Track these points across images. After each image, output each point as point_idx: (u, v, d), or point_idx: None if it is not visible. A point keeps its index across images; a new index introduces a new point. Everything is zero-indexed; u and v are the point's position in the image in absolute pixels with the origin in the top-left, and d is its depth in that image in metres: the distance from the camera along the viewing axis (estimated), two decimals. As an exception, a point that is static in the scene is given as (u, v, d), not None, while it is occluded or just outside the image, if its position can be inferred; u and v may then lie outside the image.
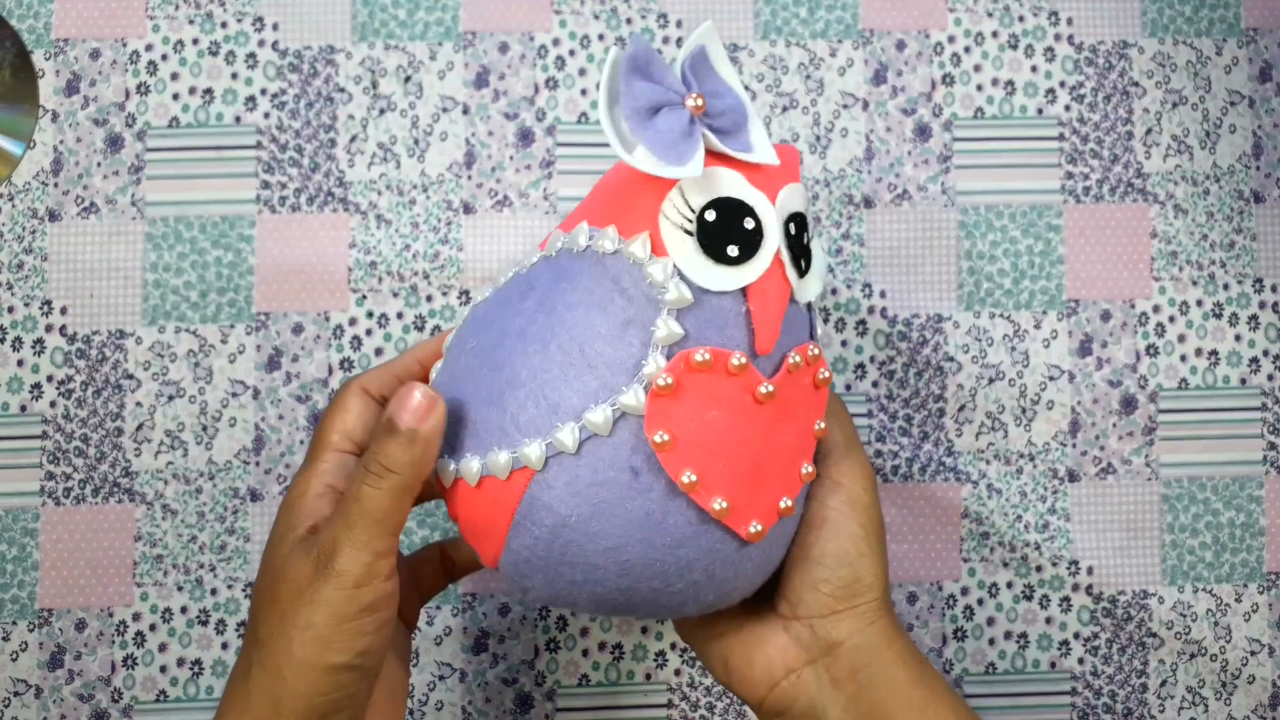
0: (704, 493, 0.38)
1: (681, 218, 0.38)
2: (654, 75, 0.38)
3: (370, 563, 0.37)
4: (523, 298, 0.41)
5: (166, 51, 0.54)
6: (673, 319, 0.37)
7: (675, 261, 0.38)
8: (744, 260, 0.38)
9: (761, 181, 0.39)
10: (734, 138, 0.39)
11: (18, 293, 0.53)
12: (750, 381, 0.38)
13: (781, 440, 0.40)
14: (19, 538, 0.53)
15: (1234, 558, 0.55)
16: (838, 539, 0.42)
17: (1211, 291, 0.56)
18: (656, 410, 0.37)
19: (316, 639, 0.37)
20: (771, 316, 0.38)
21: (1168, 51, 0.56)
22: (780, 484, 0.40)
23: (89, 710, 0.52)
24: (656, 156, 0.37)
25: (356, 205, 0.54)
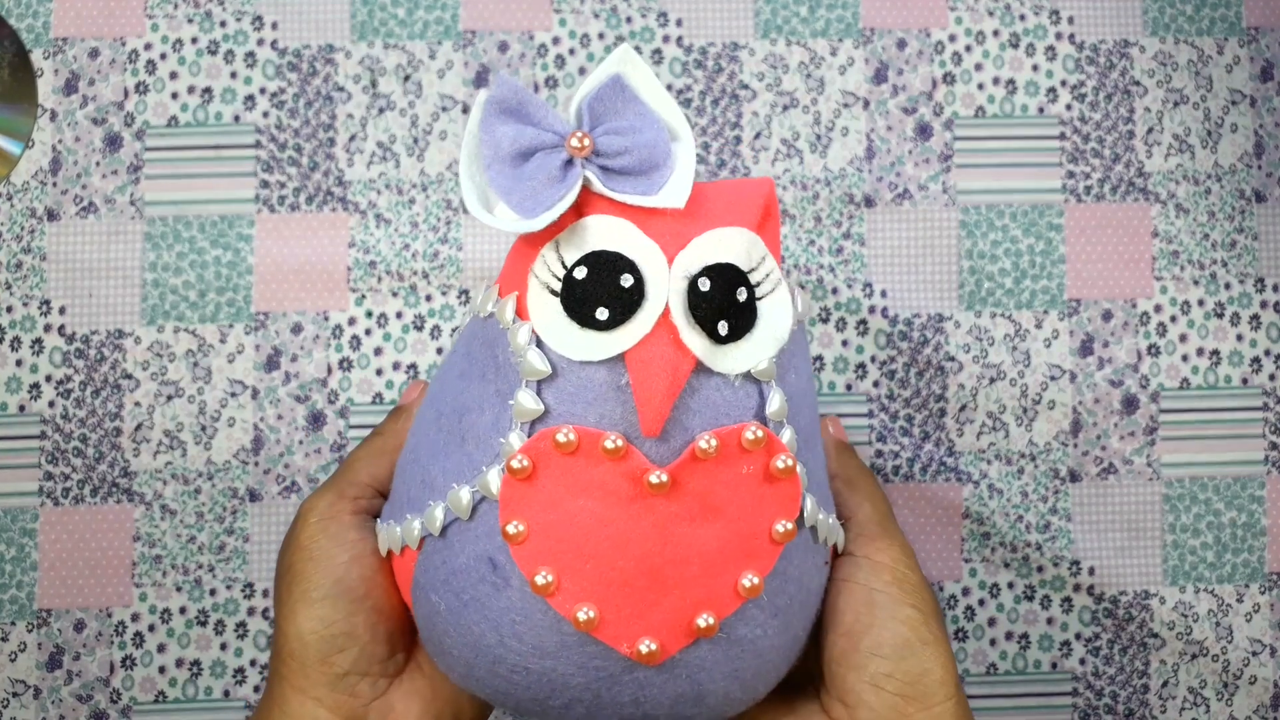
0: (564, 598, 0.33)
1: (550, 276, 0.33)
2: (527, 116, 0.34)
3: (332, 500, 0.38)
4: (447, 360, 0.38)
5: (165, 50, 0.54)
6: (530, 392, 0.33)
7: (536, 326, 0.33)
8: (617, 323, 0.32)
9: (665, 230, 0.33)
10: (636, 179, 0.34)
11: (16, 292, 0.53)
12: (635, 468, 0.33)
13: (695, 542, 0.33)
14: (17, 538, 0.52)
15: (1235, 558, 0.55)
16: (892, 624, 0.35)
17: (1213, 291, 0.56)
18: (511, 496, 0.33)
19: (295, 576, 0.37)
20: (655, 391, 0.32)
21: (1169, 50, 0.56)
22: (695, 597, 0.33)
23: (88, 711, 0.52)
24: (514, 208, 0.33)
25: (356, 204, 0.54)
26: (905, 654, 0.35)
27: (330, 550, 0.37)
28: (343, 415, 0.53)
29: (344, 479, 0.39)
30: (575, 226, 0.34)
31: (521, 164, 0.33)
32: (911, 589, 0.37)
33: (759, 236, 0.35)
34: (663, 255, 0.33)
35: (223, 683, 0.53)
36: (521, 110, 0.33)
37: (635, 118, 0.34)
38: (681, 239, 0.33)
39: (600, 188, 0.33)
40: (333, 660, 0.36)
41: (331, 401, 0.53)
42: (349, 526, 0.38)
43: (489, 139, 0.33)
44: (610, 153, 0.33)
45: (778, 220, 0.37)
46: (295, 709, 0.36)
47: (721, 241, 0.34)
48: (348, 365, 0.54)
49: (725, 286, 0.33)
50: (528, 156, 0.33)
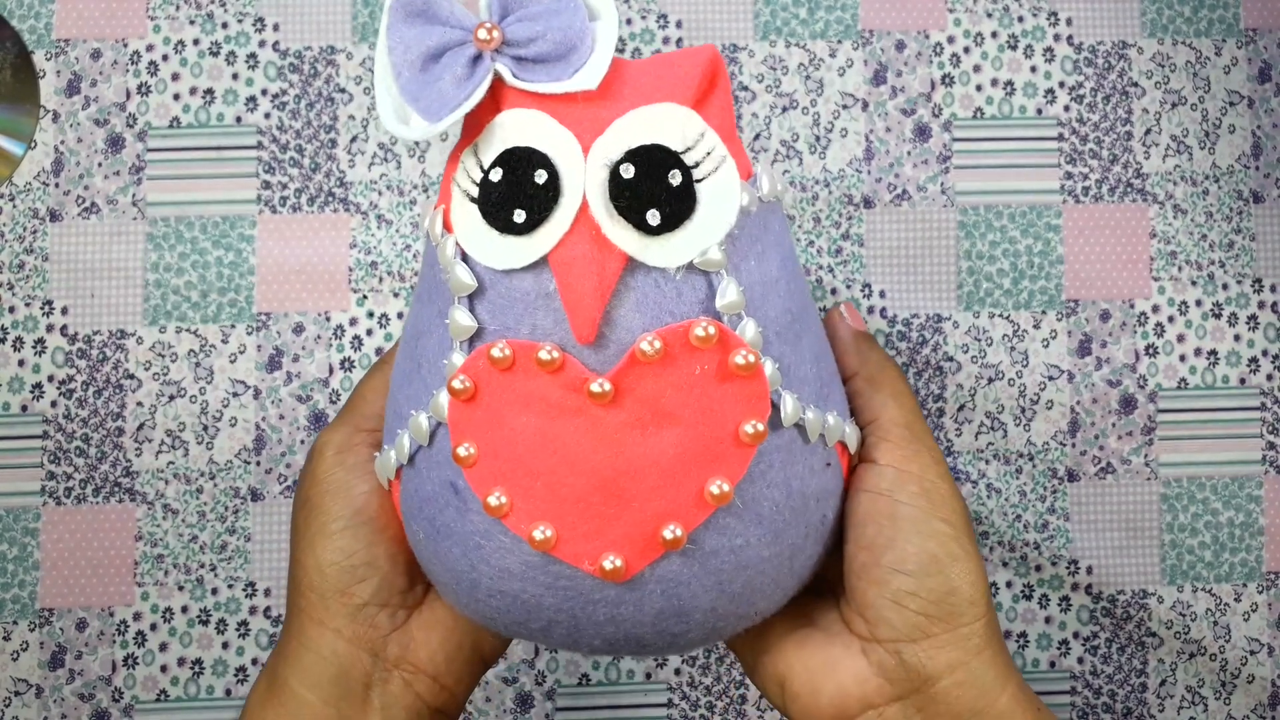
0: (518, 518, 0.31)
1: (470, 183, 0.31)
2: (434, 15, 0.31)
3: (348, 434, 0.38)
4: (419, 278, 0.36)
5: (167, 52, 0.55)
6: (463, 309, 0.31)
7: (459, 238, 0.31)
8: (535, 225, 0.30)
9: (583, 116, 0.31)
10: (551, 66, 0.31)
11: (19, 293, 0.53)
12: (574, 379, 0.31)
13: (650, 451, 0.31)
14: (20, 537, 0.53)
15: (1233, 557, 0.55)
16: (919, 539, 0.33)
17: (1211, 291, 0.56)
18: (458, 418, 0.32)
19: (313, 509, 0.37)
20: (583, 294, 0.30)
21: (1167, 52, 0.57)
22: (657, 508, 0.31)
23: (90, 710, 0.52)
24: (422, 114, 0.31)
25: (357, 205, 0.54)
26: (931, 571, 0.33)
27: (348, 481, 0.36)
28: (344, 415, 0.54)
29: (356, 411, 0.38)
30: (490, 126, 0.31)
31: (431, 66, 0.31)
32: (941, 501, 0.34)
33: (695, 112, 0.32)
34: (577, 144, 0.30)
35: (224, 682, 0.53)
36: (428, 10, 0.31)
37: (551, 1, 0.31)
38: (600, 123, 0.31)
39: (511, 79, 0.31)
40: (352, 591, 0.36)
41: (333, 401, 0.54)
42: (366, 459, 0.37)
43: (397, 45, 0.31)
44: (521, 41, 0.31)
45: (727, 91, 0.33)
46: (314, 640, 0.36)
47: (647, 121, 0.31)
48: (349, 365, 0.54)
49: (653, 171, 0.30)
50: (437, 58, 0.31)
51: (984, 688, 0.32)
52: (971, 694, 0.32)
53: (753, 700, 0.54)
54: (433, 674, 0.37)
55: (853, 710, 0.33)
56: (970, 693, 0.32)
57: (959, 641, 0.33)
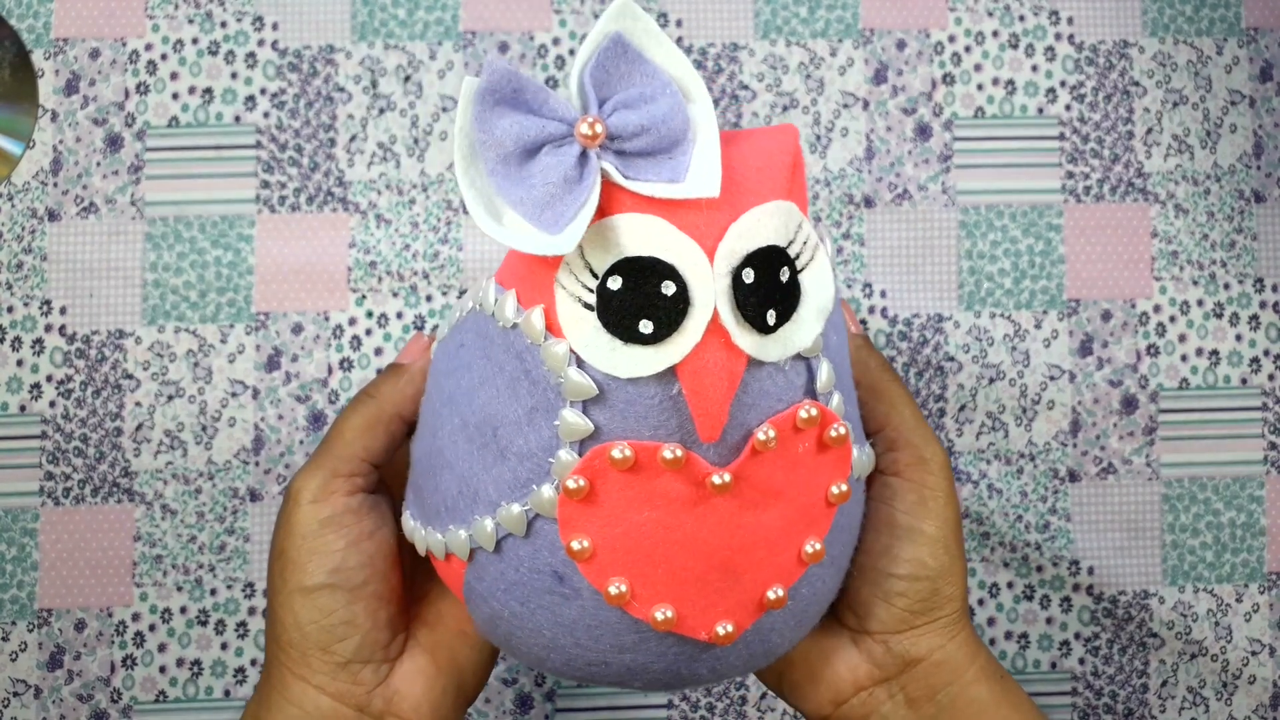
0: (640, 603, 0.32)
1: (580, 287, 0.30)
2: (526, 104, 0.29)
3: (324, 480, 0.36)
4: (455, 353, 0.35)
5: (166, 51, 0.54)
6: (577, 412, 0.31)
7: (573, 344, 0.30)
8: (664, 336, 0.30)
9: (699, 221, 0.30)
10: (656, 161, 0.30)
11: (17, 292, 0.53)
12: (696, 473, 0.31)
13: (760, 527, 0.32)
14: (18, 538, 0.53)
15: (1235, 558, 0.55)
16: (912, 547, 0.37)
17: (1212, 291, 0.56)
18: (570, 515, 0.31)
19: (288, 564, 0.36)
20: (713, 400, 0.30)
21: (1168, 51, 0.56)
22: (764, 576, 0.33)
23: (88, 710, 0.52)
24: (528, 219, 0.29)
25: (356, 205, 0.54)
26: (919, 576, 0.37)
27: (326, 536, 0.35)
28: (343, 415, 0.53)
29: (335, 454, 0.37)
30: (599, 227, 0.30)
31: (527, 162, 0.30)
32: (935, 510, 0.37)
33: (795, 205, 0.32)
34: (702, 252, 0.30)
35: (223, 682, 0.53)
36: (518, 97, 0.29)
37: (645, 83, 0.30)
38: (718, 228, 0.30)
39: (622, 180, 0.30)
40: (334, 649, 0.35)
41: (332, 401, 0.53)
42: (345, 509, 0.36)
43: (487, 137, 0.29)
44: (625, 134, 0.29)
45: (804, 171, 0.33)
46: (297, 695, 0.35)
47: (760, 222, 0.30)
48: (348, 365, 0.54)
49: (769, 272, 0.30)
50: (533, 153, 0.30)
51: (956, 664, 0.37)
52: (946, 670, 0.37)
53: (753, 700, 0.54)
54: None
55: (846, 694, 0.37)
56: (945, 670, 0.37)
57: (938, 629, 0.37)
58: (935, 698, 0.37)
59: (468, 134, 0.30)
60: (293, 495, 0.37)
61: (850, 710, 0.37)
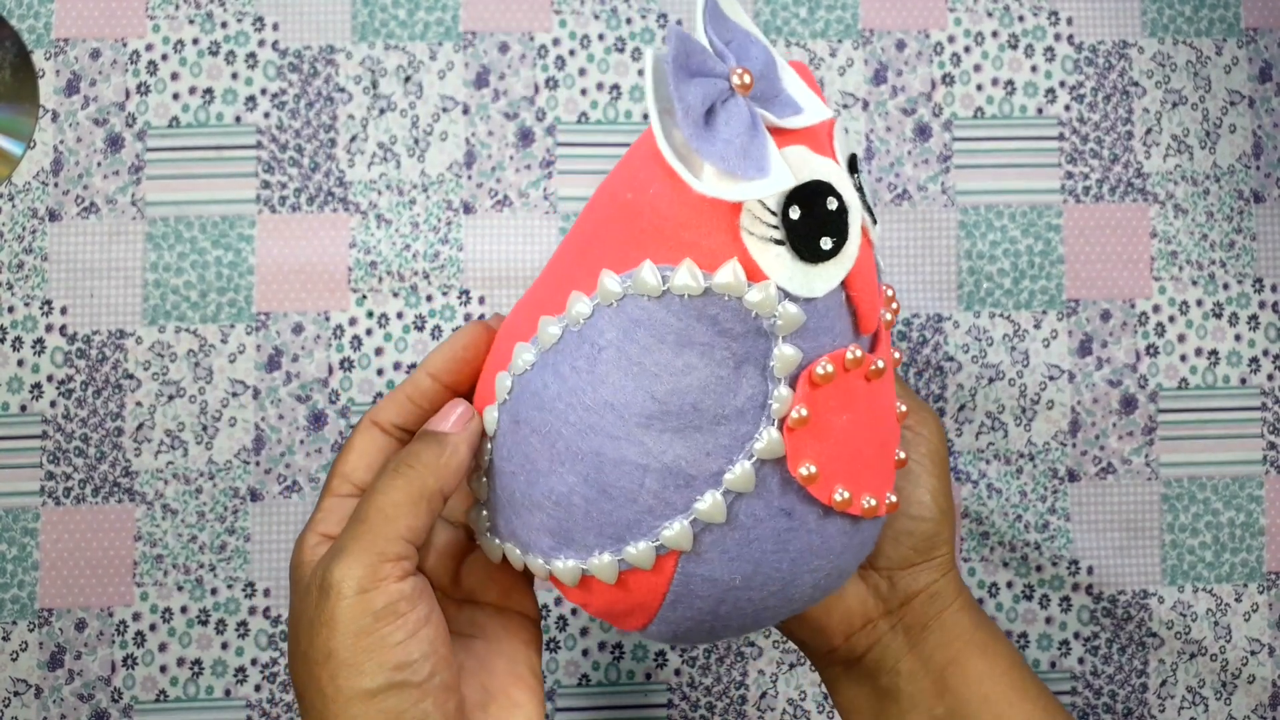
0: (855, 503, 0.35)
1: (767, 228, 0.32)
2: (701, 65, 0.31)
3: (374, 564, 0.32)
4: (591, 363, 0.34)
5: (167, 51, 0.55)
6: (789, 345, 0.33)
7: (778, 280, 0.32)
8: (839, 248, 0.33)
9: (822, 143, 0.33)
10: (779, 101, 0.33)
11: (18, 292, 0.53)
12: (866, 366, 0.35)
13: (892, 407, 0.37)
14: (19, 537, 0.53)
15: (1234, 557, 0.55)
16: (920, 491, 0.42)
17: (1211, 291, 0.56)
18: (797, 445, 0.33)
19: (341, 666, 0.32)
20: (870, 292, 0.34)
21: (1168, 51, 0.56)
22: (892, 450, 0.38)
23: (89, 710, 0.52)
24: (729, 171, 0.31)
25: (356, 205, 0.54)
26: (924, 520, 0.42)
27: (381, 631, 0.32)
28: (344, 415, 0.54)
29: (379, 535, 0.33)
30: None
31: (711, 120, 0.31)
32: (939, 461, 0.42)
33: None
34: (839, 166, 0.34)
35: (224, 682, 0.53)
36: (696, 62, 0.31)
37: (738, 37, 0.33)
38: (828, 143, 0.34)
39: (775, 122, 0.33)
40: None
41: (333, 401, 0.54)
42: (399, 597, 0.32)
43: (684, 101, 0.31)
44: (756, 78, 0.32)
45: None
46: None
47: (841, 131, 0.35)
48: (349, 365, 0.54)
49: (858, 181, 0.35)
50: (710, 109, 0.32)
51: (944, 597, 0.42)
52: (936, 602, 0.42)
53: (753, 700, 0.54)
54: None
55: (856, 625, 0.42)
56: (937, 601, 0.42)
57: (933, 567, 0.42)
58: (927, 626, 0.42)
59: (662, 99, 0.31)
60: (333, 587, 0.32)
61: (857, 641, 0.42)
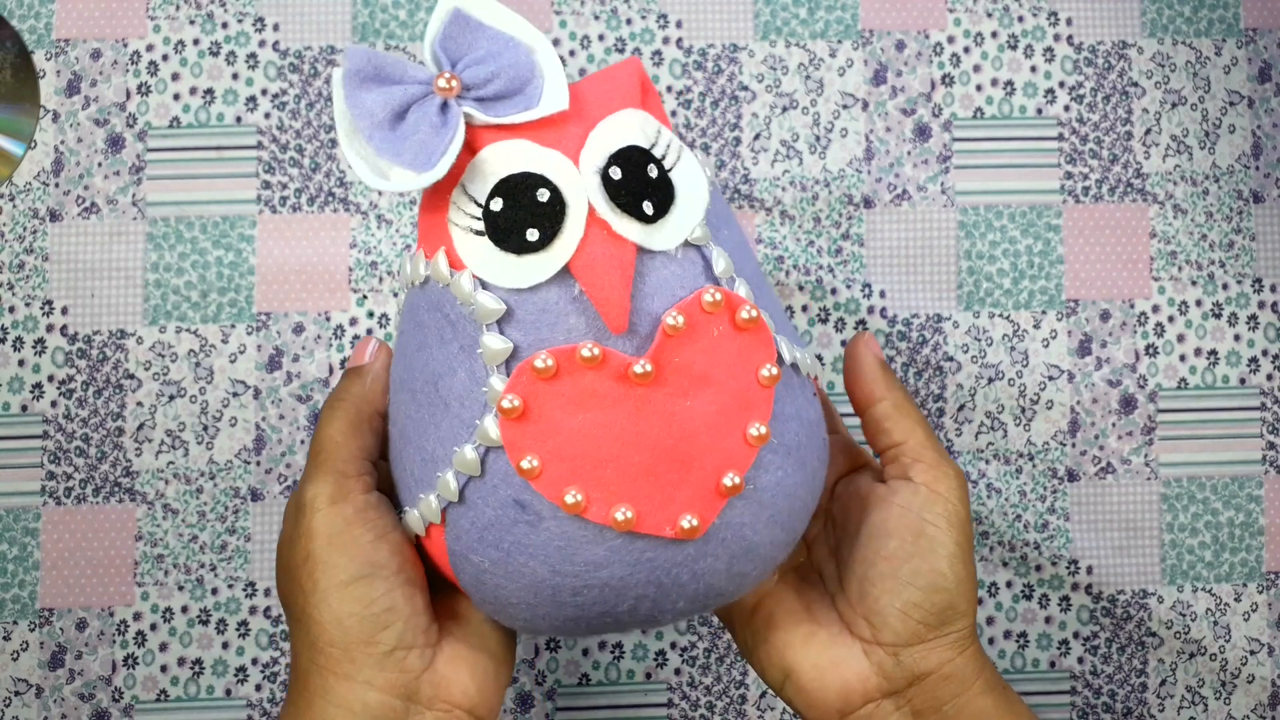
0: (598, 508, 0.34)
1: (468, 218, 0.34)
2: (388, 76, 0.34)
3: (336, 483, 0.37)
4: (398, 343, 0.38)
5: (167, 52, 0.55)
6: (494, 334, 0.33)
7: (474, 270, 0.34)
8: (550, 239, 0.33)
9: (560, 136, 0.34)
10: (513, 100, 0.34)
11: (19, 293, 0.53)
12: (617, 368, 0.33)
13: (695, 414, 0.34)
14: (20, 537, 0.53)
15: (1233, 557, 0.55)
16: (933, 558, 0.37)
17: (1211, 291, 0.56)
18: (513, 437, 0.33)
19: (318, 564, 0.36)
20: (611, 288, 0.33)
21: (1167, 52, 0.57)
22: (714, 462, 0.34)
23: (90, 710, 0.52)
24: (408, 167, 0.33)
25: (357, 205, 0.54)
26: (938, 588, 0.37)
27: (352, 532, 0.36)
28: (344, 415, 0.54)
29: (336, 458, 0.38)
30: (474, 163, 0.34)
31: (399, 124, 0.34)
32: (958, 524, 0.38)
33: (647, 113, 0.35)
34: (567, 159, 0.34)
35: (224, 681, 0.53)
36: (381, 72, 0.34)
37: (490, 43, 0.34)
38: (578, 138, 0.34)
39: (483, 118, 0.34)
40: (378, 639, 0.35)
41: (333, 401, 0.54)
42: (365, 505, 0.37)
43: (360, 112, 0.34)
44: (479, 83, 0.34)
45: (656, 93, 0.37)
46: (343, 696, 0.35)
47: (616, 128, 0.34)
48: (349, 365, 0.54)
49: (636, 168, 0.34)
50: (403, 115, 0.34)
51: (963, 678, 0.37)
52: (953, 685, 0.37)
53: (753, 700, 0.54)
54: (468, 707, 0.37)
55: (855, 704, 0.37)
56: (952, 684, 0.37)
57: (948, 644, 0.37)
58: (941, 709, 0.37)
59: (344, 114, 0.34)
60: (307, 504, 0.37)
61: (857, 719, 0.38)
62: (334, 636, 0.35)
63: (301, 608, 0.36)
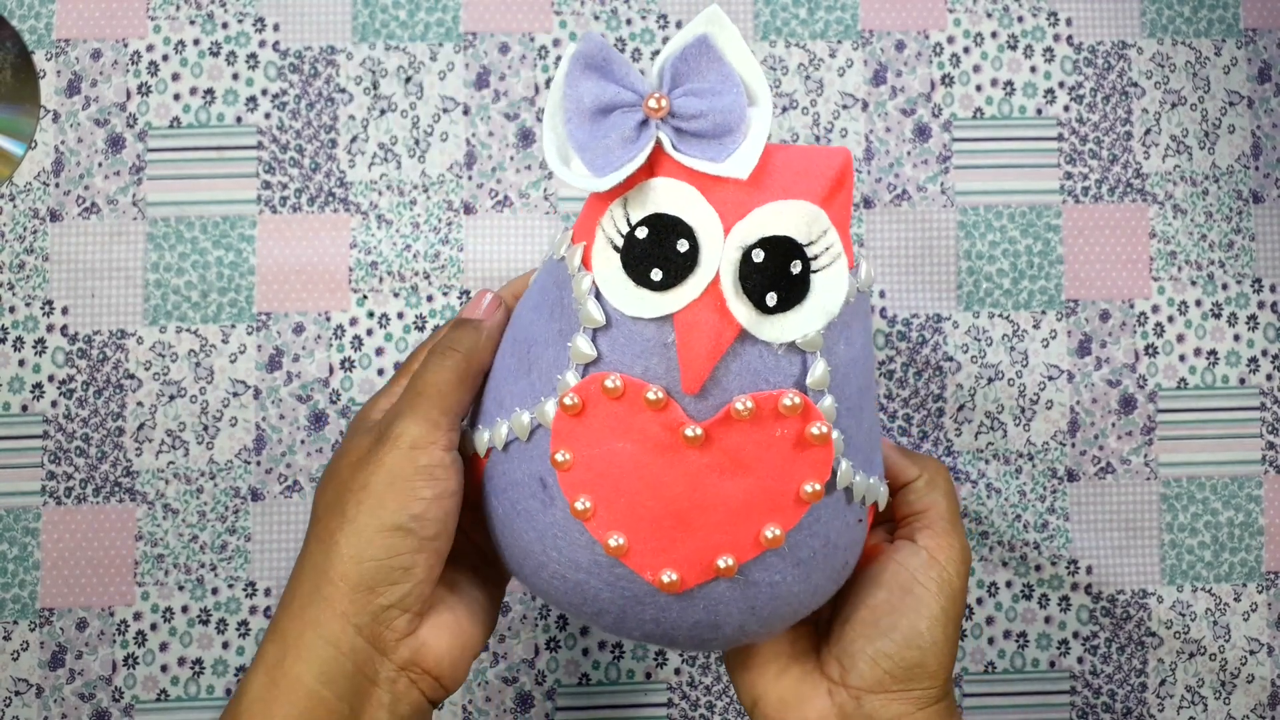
0: (599, 524, 0.36)
1: (615, 232, 0.35)
2: (611, 73, 0.35)
3: (427, 430, 0.37)
4: (529, 290, 0.40)
5: (168, 52, 0.55)
6: (586, 339, 0.35)
7: (596, 279, 0.35)
8: (669, 286, 0.34)
9: (728, 198, 0.34)
10: (708, 144, 0.34)
11: (19, 293, 0.53)
12: (673, 420, 0.35)
13: (722, 492, 0.35)
14: (20, 537, 0.53)
15: (1233, 557, 0.55)
16: (913, 616, 0.39)
17: (1210, 291, 0.56)
18: (561, 428, 0.36)
19: (370, 497, 0.36)
20: (699, 353, 0.34)
21: (1167, 52, 0.57)
22: (718, 540, 0.36)
23: (90, 709, 0.52)
24: (587, 165, 0.34)
25: (357, 205, 0.54)
26: (911, 644, 0.38)
27: (416, 483, 0.36)
28: (344, 415, 0.54)
29: (434, 406, 0.38)
30: (643, 186, 0.35)
31: (601, 120, 0.35)
32: (949, 593, 0.39)
33: (823, 210, 0.35)
34: (720, 224, 0.34)
35: (225, 681, 0.53)
36: (606, 67, 0.35)
37: (717, 80, 0.35)
38: (742, 209, 0.34)
39: (670, 150, 0.34)
40: (380, 591, 0.36)
41: (333, 401, 0.54)
42: (440, 462, 0.37)
43: (572, 93, 0.35)
44: (686, 115, 0.34)
45: (850, 191, 0.37)
46: (335, 633, 0.36)
47: (781, 214, 0.34)
48: (349, 365, 0.54)
49: (779, 259, 0.34)
50: (607, 113, 0.35)
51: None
52: None
53: (753, 700, 0.54)
54: (437, 675, 0.38)
55: None
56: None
57: (911, 699, 0.38)
58: None
59: (559, 88, 0.35)
60: (393, 437, 0.37)
61: None
62: (348, 571, 0.36)
63: (332, 531, 0.37)
